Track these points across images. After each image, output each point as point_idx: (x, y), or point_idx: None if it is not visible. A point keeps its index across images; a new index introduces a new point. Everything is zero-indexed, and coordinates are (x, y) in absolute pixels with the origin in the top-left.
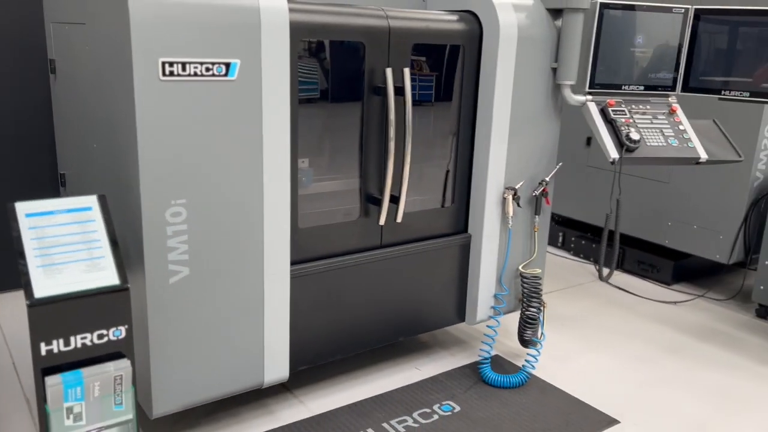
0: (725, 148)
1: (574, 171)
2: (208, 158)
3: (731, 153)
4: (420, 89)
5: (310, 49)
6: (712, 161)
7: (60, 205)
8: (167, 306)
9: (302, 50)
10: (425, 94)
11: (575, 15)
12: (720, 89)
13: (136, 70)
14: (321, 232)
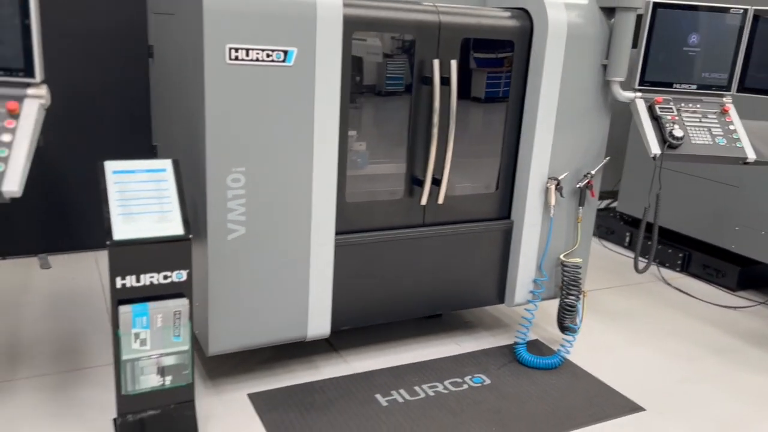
0: None
1: (644, 172)
2: (265, 133)
3: None
4: (472, 81)
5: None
6: (761, 162)
7: (140, 165)
8: (225, 259)
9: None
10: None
11: (627, 14)
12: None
13: (206, 55)
14: (366, 207)
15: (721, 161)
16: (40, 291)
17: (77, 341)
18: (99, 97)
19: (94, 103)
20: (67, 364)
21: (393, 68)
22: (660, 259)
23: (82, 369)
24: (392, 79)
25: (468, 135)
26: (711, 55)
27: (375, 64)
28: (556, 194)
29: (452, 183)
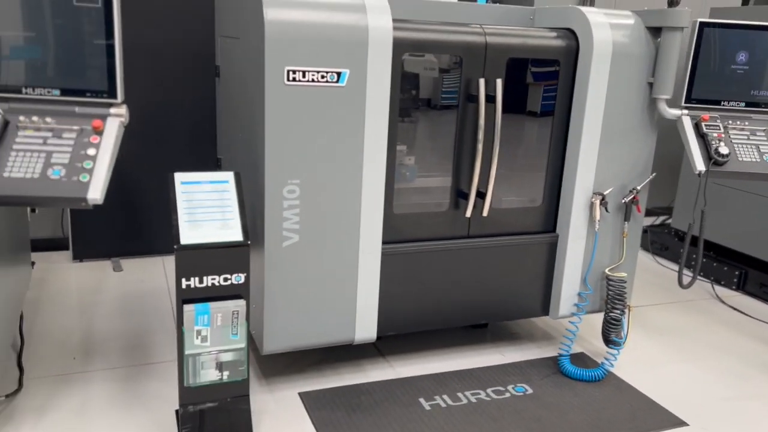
0: None
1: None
2: (319, 148)
3: None
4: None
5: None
6: None
7: (205, 177)
8: (280, 264)
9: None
10: (523, 100)
11: (673, 33)
12: None
13: (267, 76)
14: (413, 219)
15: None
16: (112, 292)
17: (144, 338)
18: (170, 113)
19: (166, 118)
20: (135, 359)
21: (447, 84)
22: (715, 277)
23: (148, 364)
24: (446, 94)
25: (514, 149)
26: (760, 73)
27: (430, 79)
28: (600, 209)
29: (498, 196)
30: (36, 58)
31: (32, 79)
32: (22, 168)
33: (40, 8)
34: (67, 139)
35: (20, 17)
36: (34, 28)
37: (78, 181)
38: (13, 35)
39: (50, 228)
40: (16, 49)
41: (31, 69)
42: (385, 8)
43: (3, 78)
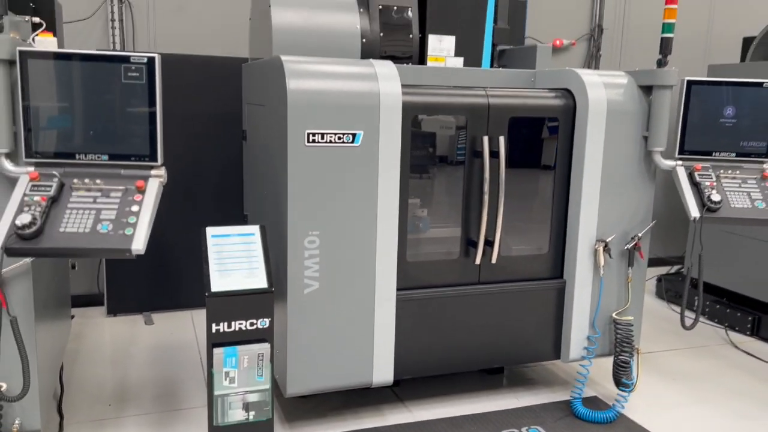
0: None
1: (711, 236)
2: (337, 202)
3: None
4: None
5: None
6: None
7: (234, 230)
8: (302, 310)
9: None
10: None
11: (663, 91)
12: None
13: (290, 138)
14: (426, 266)
15: (762, 224)
16: (144, 344)
17: (174, 387)
18: (200, 173)
19: (196, 178)
20: (165, 405)
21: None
22: (729, 323)
23: (178, 410)
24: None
25: (521, 200)
26: (748, 125)
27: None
28: (604, 255)
29: (507, 244)
30: (88, 128)
31: (84, 146)
32: (75, 224)
33: (94, 85)
34: (114, 197)
35: (76, 93)
36: (87, 102)
37: (123, 234)
38: (69, 109)
39: (87, 284)
40: (72, 120)
41: (84, 137)
42: (394, 76)
43: (60, 146)
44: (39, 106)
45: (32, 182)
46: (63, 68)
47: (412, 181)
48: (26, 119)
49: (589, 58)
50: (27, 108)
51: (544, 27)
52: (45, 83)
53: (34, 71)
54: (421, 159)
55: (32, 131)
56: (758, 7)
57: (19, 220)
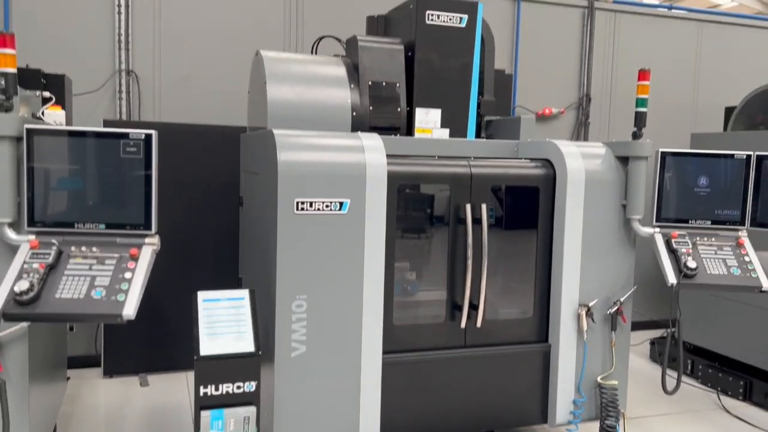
0: None
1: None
2: (324, 268)
3: None
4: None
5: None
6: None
7: (224, 294)
8: (289, 373)
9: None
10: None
11: (639, 162)
12: None
13: (279, 206)
14: (412, 330)
15: (737, 290)
16: (138, 406)
17: None
18: (198, 237)
19: (195, 241)
20: None
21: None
22: (721, 387)
23: None
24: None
25: (505, 265)
26: (722, 194)
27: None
28: (587, 320)
29: (494, 307)
30: (88, 199)
31: (83, 215)
32: (71, 290)
33: (95, 159)
34: (109, 265)
35: (77, 166)
36: (88, 175)
37: (115, 300)
38: (69, 181)
39: (85, 346)
40: (72, 192)
41: (83, 207)
42: (380, 147)
43: (60, 216)
44: (42, 179)
45: (32, 250)
46: (66, 144)
47: (402, 244)
48: (30, 191)
49: (578, 125)
50: (31, 180)
51: (534, 96)
52: (49, 157)
53: (39, 146)
54: (411, 223)
55: (35, 202)
56: (740, 78)
57: (17, 286)
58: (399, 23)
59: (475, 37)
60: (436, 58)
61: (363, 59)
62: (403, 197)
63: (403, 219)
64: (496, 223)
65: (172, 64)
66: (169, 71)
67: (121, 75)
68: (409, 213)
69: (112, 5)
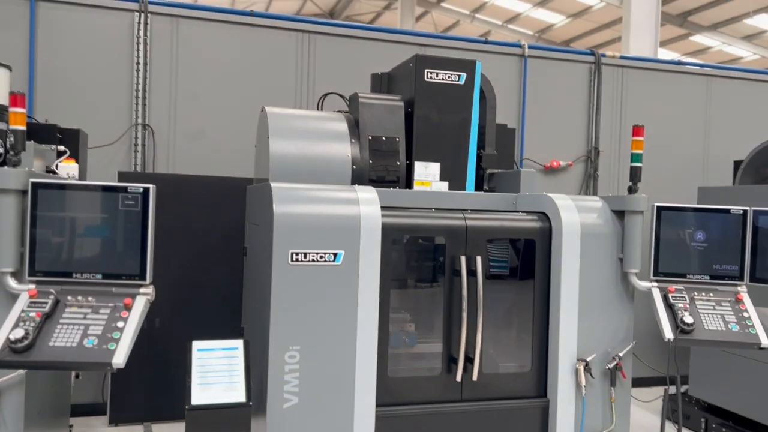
0: None
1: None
2: (318, 318)
3: None
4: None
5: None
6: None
7: (219, 344)
8: (281, 424)
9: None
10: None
11: (635, 216)
12: None
13: (274, 257)
14: (407, 382)
15: (736, 346)
16: None
17: None
18: (207, 285)
19: (203, 289)
20: None
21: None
22: None
23: None
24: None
25: (502, 318)
26: (720, 249)
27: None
28: (585, 375)
29: (493, 360)
30: (86, 249)
31: (81, 265)
32: (65, 338)
33: (93, 211)
34: (103, 314)
35: (78, 218)
36: (87, 226)
37: (107, 349)
38: (71, 232)
39: (92, 394)
40: (72, 243)
41: (82, 258)
42: (375, 200)
43: (59, 266)
44: (44, 230)
45: (31, 299)
46: (68, 197)
47: (401, 295)
48: (32, 242)
49: (587, 178)
50: (34, 231)
51: (542, 149)
52: (52, 209)
53: (43, 199)
54: (409, 274)
55: (36, 252)
56: (750, 131)
57: (12, 334)
58: (400, 80)
59: (474, 93)
60: (435, 114)
61: (364, 115)
62: (400, 248)
63: (400, 270)
64: (494, 275)
65: (187, 118)
66: (184, 125)
67: (138, 128)
68: (407, 264)
69: (131, 63)
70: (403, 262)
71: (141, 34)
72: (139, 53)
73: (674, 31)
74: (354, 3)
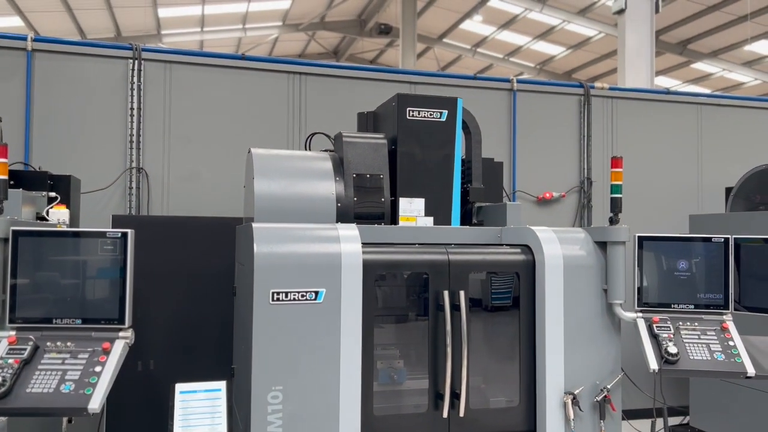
0: None
1: (713, 385)
2: (300, 358)
3: None
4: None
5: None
6: (761, 376)
7: (201, 386)
8: None
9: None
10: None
11: (617, 246)
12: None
13: (255, 297)
14: (393, 420)
15: (722, 376)
16: None
17: None
18: (201, 326)
19: (196, 331)
20: None
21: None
22: None
23: None
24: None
25: (490, 352)
26: (704, 278)
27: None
28: (573, 408)
29: (482, 395)
30: (66, 295)
31: (61, 311)
32: (41, 384)
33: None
34: (81, 359)
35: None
36: (67, 272)
37: (83, 394)
38: (50, 278)
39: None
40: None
41: (62, 303)
42: (355, 237)
43: (39, 311)
44: (25, 277)
45: (10, 345)
46: (48, 243)
47: (387, 331)
48: (13, 289)
49: (580, 208)
50: (14, 279)
51: (534, 181)
52: (32, 256)
53: (24, 246)
54: (394, 311)
55: (16, 299)
56: (743, 158)
57: None
58: (384, 119)
59: (456, 129)
60: (418, 151)
61: (348, 153)
62: (390, 284)
63: (391, 306)
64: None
65: (180, 160)
66: (178, 167)
67: (132, 172)
68: (397, 299)
69: (126, 109)
70: (394, 297)
71: (135, 80)
72: (132, 99)
73: (674, 59)
74: (357, 42)
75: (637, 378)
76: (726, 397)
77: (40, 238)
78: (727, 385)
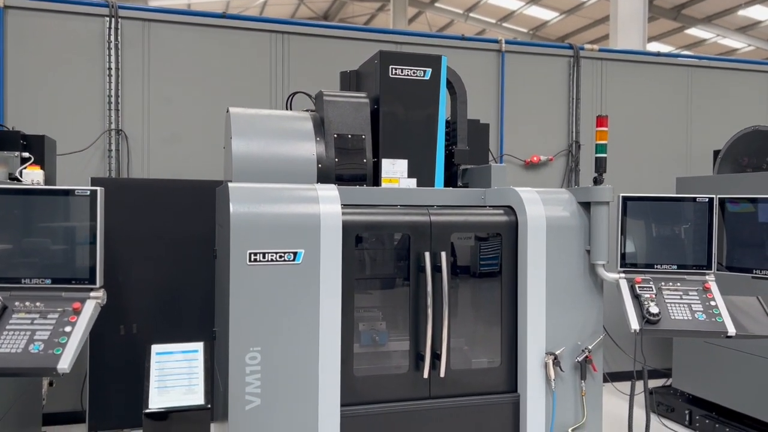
0: (762, 323)
1: (696, 347)
2: (279, 319)
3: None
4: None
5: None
6: (741, 336)
7: (178, 347)
8: (243, 427)
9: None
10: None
11: (600, 207)
12: (751, 268)
13: (232, 258)
14: (374, 381)
15: (703, 335)
16: None
17: None
18: (181, 291)
19: (178, 295)
20: None
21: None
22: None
23: None
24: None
25: (470, 312)
26: (687, 239)
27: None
28: (555, 369)
29: (464, 356)
30: (35, 255)
31: (30, 271)
32: (9, 344)
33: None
34: (51, 318)
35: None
36: (35, 232)
37: (52, 354)
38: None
39: (72, 402)
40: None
41: (31, 263)
42: (335, 198)
43: (8, 271)
44: None
45: None
46: (15, 202)
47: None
48: None
49: (568, 172)
50: None
51: (522, 144)
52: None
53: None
54: (376, 272)
55: None
56: (732, 121)
57: None
58: (367, 78)
59: (440, 88)
60: (401, 110)
61: (328, 113)
62: (371, 248)
63: (367, 268)
64: (461, 270)
65: (161, 122)
66: (158, 130)
67: (111, 134)
68: (381, 261)
69: (103, 69)
70: (380, 261)
71: (112, 39)
72: (111, 58)
73: (668, 25)
74: (347, 6)
75: (621, 341)
76: (708, 359)
77: (7, 196)
78: (708, 346)
